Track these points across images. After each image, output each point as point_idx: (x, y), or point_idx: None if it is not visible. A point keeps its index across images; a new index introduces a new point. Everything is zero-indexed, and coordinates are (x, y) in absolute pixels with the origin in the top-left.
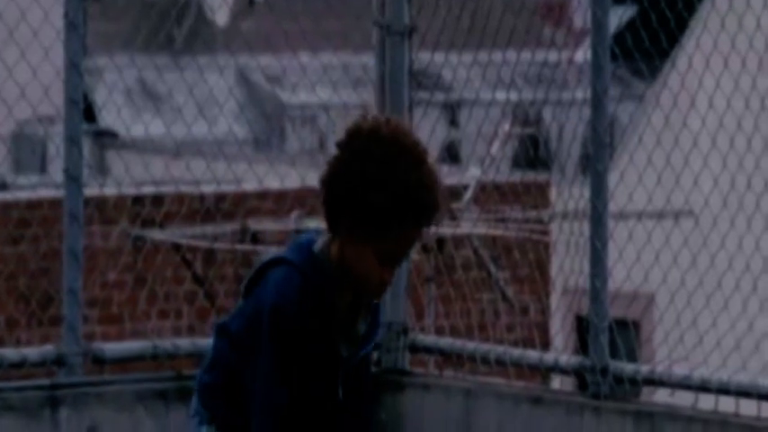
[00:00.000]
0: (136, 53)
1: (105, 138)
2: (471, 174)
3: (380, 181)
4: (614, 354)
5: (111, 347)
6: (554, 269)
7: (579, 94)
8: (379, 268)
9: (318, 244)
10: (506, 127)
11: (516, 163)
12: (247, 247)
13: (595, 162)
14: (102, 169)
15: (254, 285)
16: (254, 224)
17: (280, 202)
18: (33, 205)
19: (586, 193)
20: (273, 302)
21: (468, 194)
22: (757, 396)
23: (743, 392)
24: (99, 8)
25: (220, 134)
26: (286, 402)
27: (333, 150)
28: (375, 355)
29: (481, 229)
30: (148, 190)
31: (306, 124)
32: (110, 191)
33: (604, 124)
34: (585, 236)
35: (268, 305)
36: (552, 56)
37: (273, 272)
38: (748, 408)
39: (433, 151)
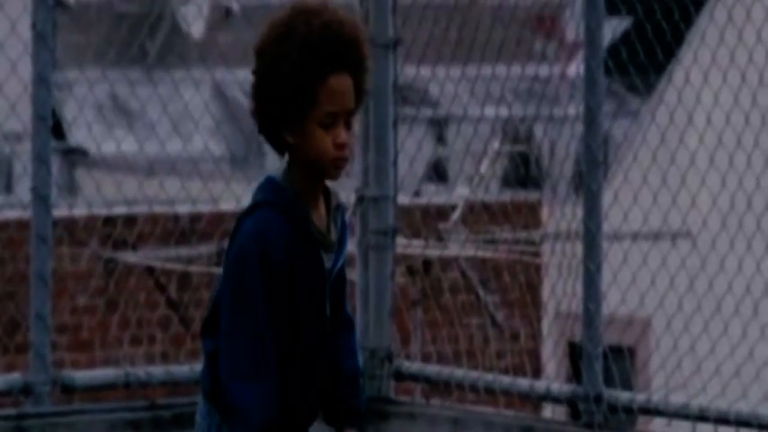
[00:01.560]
0: (107, 67)
1: (75, 155)
2: (459, 193)
3: (282, 48)
4: (609, 381)
5: (82, 375)
6: (546, 293)
7: (572, 110)
8: (329, 135)
9: (277, 173)
10: (496, 144)
11: (506, 182)
12: None
13: (589, 181)
14: (71, 188)
15: (231, 241)
16: None
17: None
18: None
19: (579, 212)
20: (258, 250)
21: (456, 214)
22: (758, 426)
23: (743, 422)
24: (68, 19)
25: (196, 151)
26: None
27: None
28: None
29: (470, 251)
30: (120, 210)
31: None
32: (79, 211)
33: (598, 141)
34: (578, 258)
35: (253, 255)
36: (543, 70)
37: (247, 220)
38: None
39: (420, 169)
